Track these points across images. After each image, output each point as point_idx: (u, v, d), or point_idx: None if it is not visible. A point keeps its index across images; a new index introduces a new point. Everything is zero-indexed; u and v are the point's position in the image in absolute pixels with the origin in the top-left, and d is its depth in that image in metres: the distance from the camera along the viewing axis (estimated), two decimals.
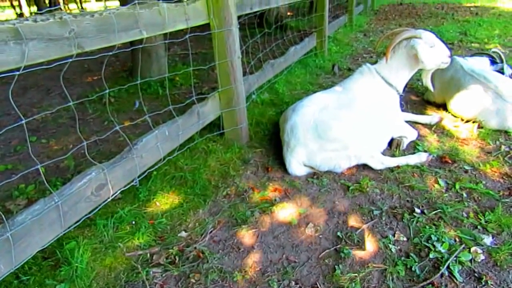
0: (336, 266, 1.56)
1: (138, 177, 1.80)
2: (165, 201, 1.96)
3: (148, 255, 1.64)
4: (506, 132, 2.63)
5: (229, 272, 1.55)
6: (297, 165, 2.23)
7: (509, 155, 2.35)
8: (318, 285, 1.47)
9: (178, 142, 2.08)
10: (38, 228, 1.28)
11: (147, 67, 3.81)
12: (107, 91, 1.80)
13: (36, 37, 1.21)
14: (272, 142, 2.58)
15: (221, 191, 2.07)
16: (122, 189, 1.73)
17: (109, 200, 1.62)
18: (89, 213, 1.53)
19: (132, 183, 1.76)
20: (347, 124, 2.20)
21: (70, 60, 1.33)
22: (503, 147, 2.46)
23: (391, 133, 2.49)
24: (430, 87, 2.66)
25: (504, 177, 2.14)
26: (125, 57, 5.33)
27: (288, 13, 7.19)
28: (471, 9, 9.63)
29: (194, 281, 1.51)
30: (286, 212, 1.91)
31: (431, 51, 2.39)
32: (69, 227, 1.42)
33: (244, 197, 2.03)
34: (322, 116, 2.23)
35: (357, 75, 2.59)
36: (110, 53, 1.55)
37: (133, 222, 1.79)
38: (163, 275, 1.54)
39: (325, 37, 4.80)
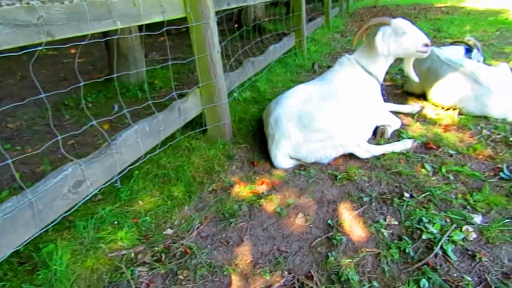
0: (329, 253, 1.52)
1: (119, 174, 1.72)
2: (148, 200, 1.88)
3: (133, 254, 1.55)
4: (485, 117, 2.67)
5: (219, 267, 1.49)
6: (282, 157, 2.19)
7: (490, 138, 2.38)
8: (312, 273, 1.42)
9: (160, 139, 2.01)
10: (11, 228, 1.19)
11: (125, 71, 3.72)
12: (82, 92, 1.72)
13: (2, 21, 1.13)
14: (256, 138, 2.53)
15: (206, 187, 2.01)
16: (102, 187, 1.64)
17: (88, 197, 1.53)
18: (67, 211, 1.44)
19: (112, 180, 1.68)
20: (331, 114, 2.18)
21: (39, 47, 1.25)
22: (484, 131, 2.48)
23: (375, 121, 2.48)
24: (413, 77, 2.63)
25: (487, 159, 2.16)
26: (102, 65, 5.21)
27: (266, 19, 7.23)
28: (442, 9, 9.93)
29: (182, 277, 1.44)
30: (274, 204, 1.86)
31: (400, 39, 2.36)
32: (45, 227, 1.33)
33: (230, 192, 1.97)
34: (306, 107, 2.20)
35: (338, 66, 2.58)
36: (83, 43, 1.47)
37: (116, 222, 1.70)
38: (149, 273, 1.46)
39: (304, 37, 4.82)
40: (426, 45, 2.34)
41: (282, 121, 2.17)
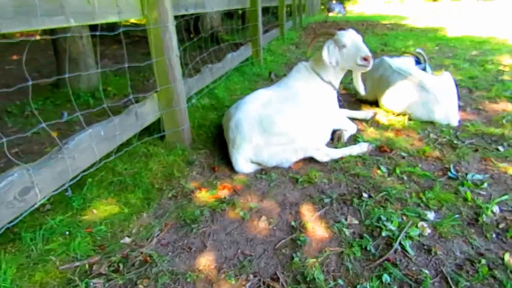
0: (293, 254, 1.51)
1: (71, 180, 1.60)
2: (103, 208, 1.77)
3: (87, 265, 1.44)
4: (432, 122, 2.84)
5: (181, 274, 1.42)
6: (244, 162, 2.17)
7: (437, 142, 2.53)
8: (278, 275, 1.41)
9: (116, 144, 1.91)
10: None
11: (75, 77, 3.53)
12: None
13: None
14: (216, 144, 2.50)
15: (166, 194, 1.94)
16: (53, 194, 1.52)
17: (36, 206, 1.41)
18: (12, 221, 1.31)
19: (63, 188, 1.56)
20: (291, 118, 2.21)
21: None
22: (431, 135, 2.65)
23: (333, 126, 2.55)
24: (360, 91, 2.68)
25: (436, 160, 2.29)
26: (49, 72, 4.91)
27: (221, 30, 7.27)
28: (387, 25, 10.56)
29: (142, 287, 1.36)
30: (237, 208, 1.83)
31: (342, 52, 2.42)
32: None
33: (191, 198, 1.92)
34: (266, 111, 2.21)
35: (295, 72, 2.63)
36: (32, 39, 1.37)
37: (67, 233, 1.58)
38: (106, 285, 1.36)
39: (260, 47, 4.89)
40: (365, 59, 2.36)
41: (243, 125, 2.16)
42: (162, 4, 2.10)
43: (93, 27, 3.77)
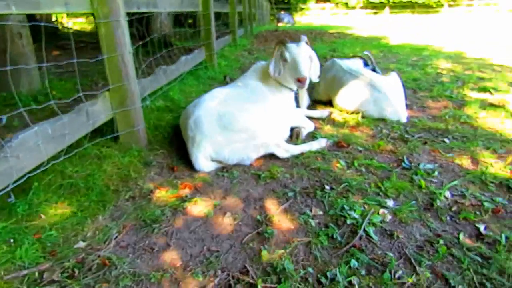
0: (261, 247, 1.48)
1: (15, 182, 1.45)
2: (53, 213, 1.62)
3: (37, 273, 1.31)
4: (383, 119, 2.97)
5: (144, 275, 1.33)
6: (204, 160, 2.12)
7: (390, 136, 2.65)
8: (247, 268, 1.37)
9: (65, 144, 1.78)
10: None
11: (15, 80, 3.26)
12: None
13: None
14: (174, 144, 2.42)
15: (123, 195, 1.83)
16: None
17: None
18: None
19: (4, 191, 1.41)
20: (251, 115, 2.20)
21: None
22: (384, 130, 2.76)
23: (291, 124, 2.57)
24: (302, 104, 2.71)
25: (390, 153, 2.39)
26: None
27: (173, 35, 7.14)
28: (334, 34, 11.02)
29: None
30: (200, 206, 1.77)
31: (283, 65, 2.47)
32: None
33: (150, 198, 1.82)
34: (226, 108, 2.18)
35: (252, 71, 2.64)
36: None
37: (11, 240, 1.42)
38: None
39: (214, 51, 4.85)
40: (299, 80, 2.41)
41: (202, 122, 2.11)
42: None
43: (33, 28, 3.55)
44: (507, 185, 1.97)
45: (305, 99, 2.70)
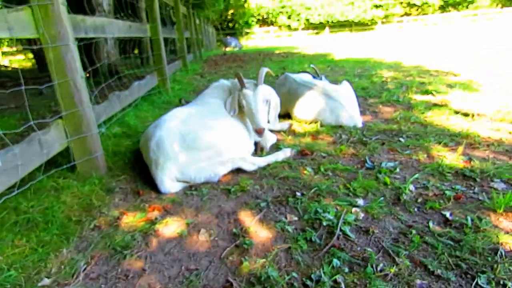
0: (242, 259, 1.44)
1: None
2: (10, 252, 1.47)
3: None
4: (340, 126, 3.08)
5: None
6: (170, 182, 2.05)
7: (349, 141, 2.74)
8: (231, 281, 1.32)
9: (18, 177, 1.64)
10: None
11: None
12: None
13: None
14: (136, 169, 2.32)
15: (87, 225, 1.70)
16: None
17: None
18: None
19: None
20: (215, 131, 2.18)
21: None
22: (343, 136, 2.86)
23: (255, 137, 2.58)
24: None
25: (352, 156, 2.46)
26: None
27: (120, 65, 7.00)
28: (282, 54, 11.42)
29: None
30: (172, 226, 1.70)
31: (245, 109, 2.47)
32: None
33: (118, 225, 1.72)
34: (188, 127, 2.14)
35: (211, 89, 2.65)
36: None
37: None
38: None
39: (166, 76, 4.81)
40: (256, 131, 2.44)
41: (165, 143, 2.05)
42: (61, 21, 1.94)
43: None
44: (463, 174, 2.09)
45: (269, 138, 2.74)
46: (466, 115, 3.22)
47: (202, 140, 2.10)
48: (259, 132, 2.43)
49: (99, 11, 6.09)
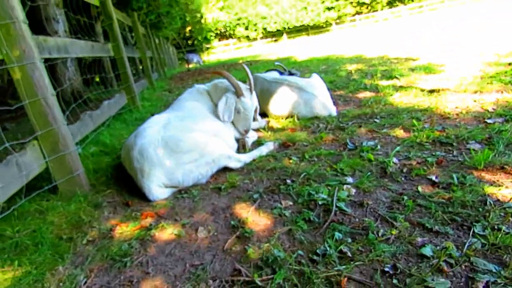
0: (245, 247, 1.43)
1: None
2: (2, 277, 1.39)
3: None
4: (316, 117, 3.14)
5: None
6: (158, 189, 2.01)
7: (328, 128, 2.80)
8: (239, 268, 1.31)
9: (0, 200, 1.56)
10: None
11: None
12: None
13: None
14: (121, 183, 2.26)
15: (79, 241, 1.64)
16: None
17: None
18: None
19: None
20: (197, 132, 2.17)
21: None
22: (321, 125, 2.92)
23: (235, 135, 2.59)
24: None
25: (333, 141, 2.52)
26: None
27: (83, 90, 6.82)
28: (245, 63, 11.53)
29: None
30: (168, 230, 1.66)
31: (235, 113, 2.61)
32: None
33: (112, 236, 1.66)
34: (169, 132, 2.12)
35: (187, 94, 2.66)
36: None
37: None
38: None
39: (135, 93, 4.74)
40: (245, 131, 2.63)
41: (148, 150, 2.02)
42: (24, 39, 1.89)
43: None
44: (440, 141, 2.19)
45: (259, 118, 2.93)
46: (431, 92, 3.38)
47: (185, 142, 2.08)
48: (244, 133, 2.60)
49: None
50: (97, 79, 9.71)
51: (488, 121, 2.38)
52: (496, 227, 1.33)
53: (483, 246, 1.25)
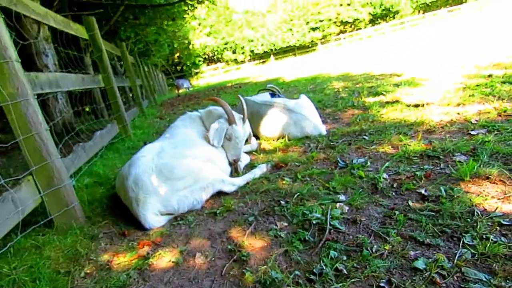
0: (243, 271, 1.45)
1: None
2: None
3: None
4: (307, 136, 3.20)
5: None
6: (153, 217, 2.03)
7: (318, 147, 2.86)
8: None
9: None
10: None
11: None
12: None
13: None
14: (116, 213, 2.27)
15: (77, 274, 1.64)
16: None
17: None
18: None
19: None
20: (190, 158, 2.21)
21: None
22: (311, 145, 2.98)
23: (229, 159, 2.63)
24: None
25: (325, 160, 2.57)
26: None
27: (74, 122, 6.85)
28: (235, 86, 11.70)
29: None
30: (166, 257, 1.68)
31: (225, 139, 2.64)
32: None
33: (109, 267, 1.67)
34: (162, 160, 2.16)
35: (179, 121, 2.72)
36: None
37: None
38: None
39: (126, 122, 4.78)
40: (234, 161, 2.63)
41: (142, 179, 2.04)
42: (18, 77, 1.94)
43: None
44: (427, 155, 2.25)
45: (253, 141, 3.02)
46: (416, 106, 3.48)
47: (179, 169, 2.12)
48: (234, 162, 2.61)
49: (44, 72, 6.00)
50: (87, 109, 9.77)
51: (472, 132, 2.46)
52: (484, 236, 1.38)
53: (473, 256, 1.29)
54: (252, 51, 36.63)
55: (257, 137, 3.48)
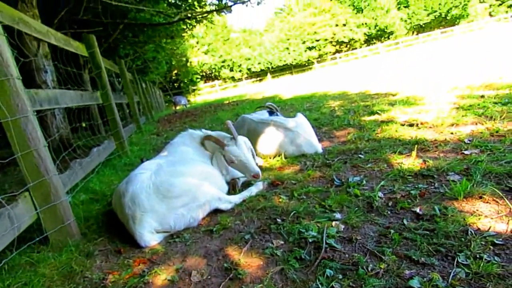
0: None
1: None
2: None
3: None
4: (303, 154, 3.23)
5: None
6: (149, 235, 2.02)
7: (314, 166, 2.89)
8: None
9: None
10: None
11: None
12: None
13: None
14: (112, 230, 2.26)
15: None
16: None
17: None
18: None
19: None
20: (188, 176, 2.22)
21: None
22: (308, 163, 3.00)
23: (226, 177, 2.65)
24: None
25: (321, 178, 2.59)
26: None
27: (72, 138, 6.86)
28: (232, 103, 11.79)
29: None
30: (161, 275, 1.67)
31: (233, 164, 2.66)
32: None
33: (104, 285, 1.66)
34: (160, 177, 2.17)
35: (178, 138, 2.73)
36: None
37: None
38: None
39: (123, 139, 4.80)
40: (254, 176, 2.59)
41: (140, 196, 2.05)
42: (18, 95, 1.97)
43: None
44: (421, 174, 2.28)
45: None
46: (411, 125, 3.53)
47: (176, 187, 2.13)
48: (256, 176, 2.57)
49: (43, 88, 6.05)
50: (84, 125, 9.79)
51: (465, 152, 2.50)
52: (478, 256, 1.39)
53: (467, 275, 1.31)
54: (249, 69, 37.08)
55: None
